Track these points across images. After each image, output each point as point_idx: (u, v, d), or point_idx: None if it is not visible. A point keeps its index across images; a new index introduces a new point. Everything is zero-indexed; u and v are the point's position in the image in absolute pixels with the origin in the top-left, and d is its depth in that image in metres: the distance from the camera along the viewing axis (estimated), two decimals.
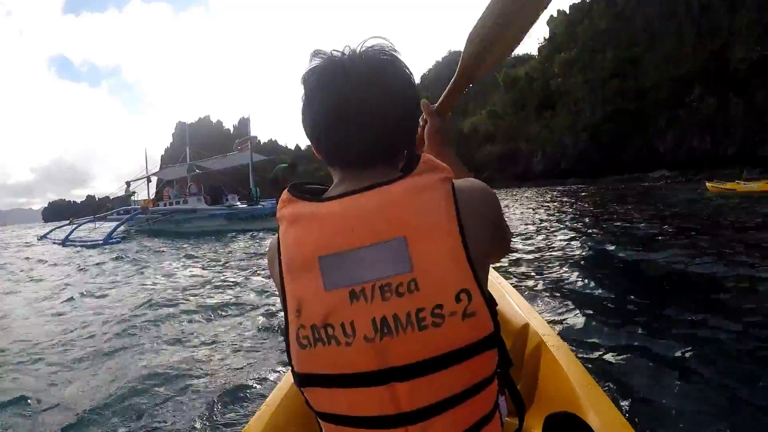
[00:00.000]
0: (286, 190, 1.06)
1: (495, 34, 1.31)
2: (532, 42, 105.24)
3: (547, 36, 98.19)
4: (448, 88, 1.45)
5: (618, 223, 14.18)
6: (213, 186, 32.93)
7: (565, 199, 32.09)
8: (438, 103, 1.46)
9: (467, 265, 0.92)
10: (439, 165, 1.01)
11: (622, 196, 31.39)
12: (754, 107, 63.09)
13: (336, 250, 0.93)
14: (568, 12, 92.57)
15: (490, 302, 0.97)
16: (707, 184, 29.60)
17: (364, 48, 1.03)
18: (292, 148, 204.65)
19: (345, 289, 0.92)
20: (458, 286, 0.91)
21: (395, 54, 1.04)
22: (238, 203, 29.98)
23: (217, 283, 9.12)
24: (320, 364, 0.94)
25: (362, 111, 0.98)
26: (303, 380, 0.99)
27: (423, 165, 0.99)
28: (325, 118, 1.01)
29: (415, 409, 0.93)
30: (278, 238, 1.04)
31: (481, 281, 0.95)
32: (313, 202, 1.00)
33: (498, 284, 2.80)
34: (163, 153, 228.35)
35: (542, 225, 15.21)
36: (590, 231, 12.84)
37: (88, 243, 23.08)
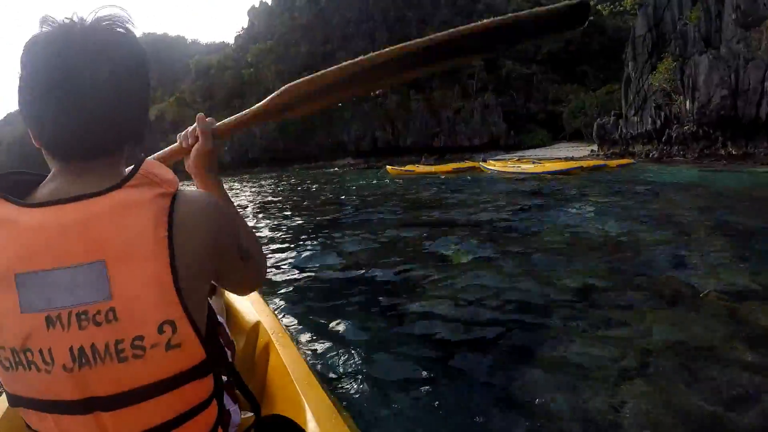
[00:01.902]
0: None
1: (317, 103, 1.30)
2: (230, 31, 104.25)
3: (245, 26, 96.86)
4: (241, 114, 1.30)
5: (305, 206, 15.79)
6: None
7: (254, 187, 32.54)
8: (222, 123, 1.29)
9: (174, 294, 0.87)
10: (161, 178, 0.92)
11: (310, 180, 34.13)
12: (431, 104, 71.16)
13: (32, 268, 0.83)
14: (270, 3, 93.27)
15: (211, 324, 1.00)
16: (387, 167, 33.63)
17: (96, 18, 0.92)
18: None
19: (41, 313, 0.84)
20: (161, 318, 0.86)
21: (130, 29, 0.95)
22: None
23: None
24: (25, 388, 0.88)
25: (85, 93, 0.88)
26: (13, 401, 0.92)
27: (140, 177, 0.90)
28: (43, 97, 0.89)
29: None
30: None
31: (192, 309, 0.90)
32: (14, 206, 0.87)
33: None
34: None
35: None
36: (286, 215, 13.47)
37: None
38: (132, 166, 0.92)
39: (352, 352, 3.67)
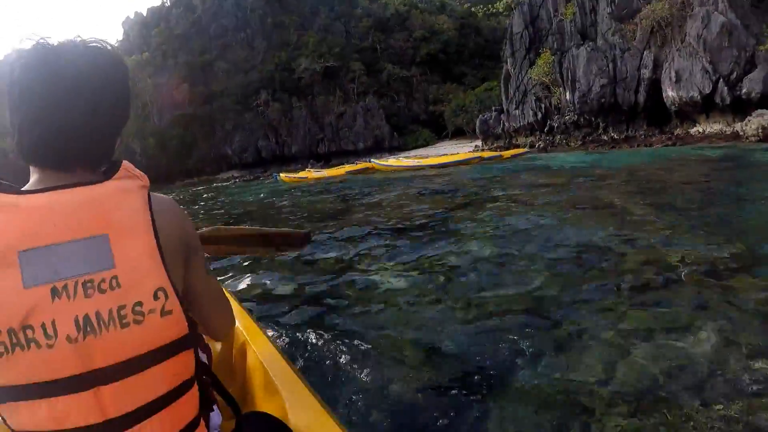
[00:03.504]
0: None
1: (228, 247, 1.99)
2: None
3: (120, 38, 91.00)
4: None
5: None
6: None
7: None
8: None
9: (161, 265, 0.98)
10: (138, 173, 1.06)
11: (196, 196, 32.84)
12: (313, 110, 70.81)
13: (38, 244, 0.90)
14: (145, 14, 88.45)
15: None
16: (282, 175, 32.40)
17: (80, 41, 1.01)
18: None
19: (46, 285, 0.89)
20: (156, 284, 0.96)
21: (112, 53, 1.05)
22: None
23: None
24: (18, 374, 0.89)
25: (71, 111, 0.97)
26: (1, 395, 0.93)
27: (124, 171, 1.03)
28: (29, 113, 0.97)
29: (122, 414, 0.94)
30: None
31: (176, 281, 1.01)
32: (11, 194, 0.94)
33: None
34: None
35: None
36: None
37: None
38: (111, 165, 1.04)
39: (330, 345, 3.72)
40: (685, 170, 13.86)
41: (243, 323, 2.16)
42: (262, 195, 23.60)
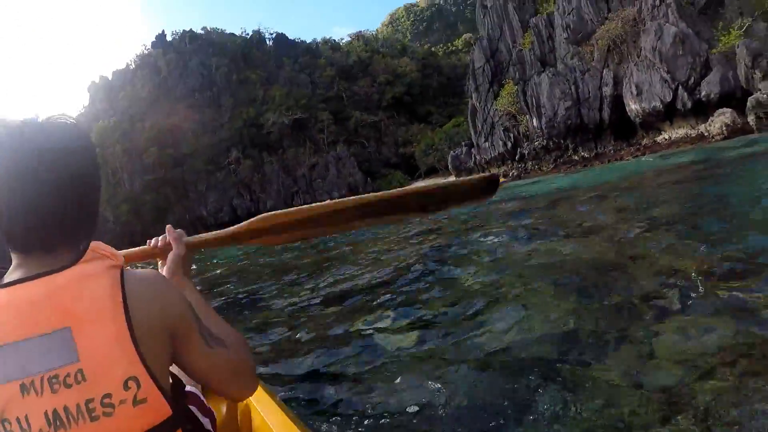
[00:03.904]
0: None
1: (291, 234, 1.64)
2: (70, 111, 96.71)
3: (86, 104, 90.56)
4: (219, 232, 1.58)
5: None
6: None
7: None
8: (196, 237, 1.54)
9: (134, 352, 0.94)
10: (109, 253, 1.03)
11: None
12: (285, 163, 70.69)
13: (4, 341, 0.91)
14: (110, 78, 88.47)
15: (176, 384, 1.07)
16: None
17: (48, 120, 1.01)
18: None
19: (15, 382, 0.90)
20: (125, 374, 0.93)
21: (72, 128, 1.02)
22: None
23: None
24: None
25: (35, 191, 0.96)
26: None
27: (91, 253, 1.01)
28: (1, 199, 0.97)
29: None
30: None
31: (153, 366, 0.96)
32: None
33: None
34: None
35: None
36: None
37: None
38: (81, 248, 1.00)
39: (337, 400, 3.53)
40: (663, 178, 14.06)
41: None
42: (240, 254, 22.83)
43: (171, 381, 1.04)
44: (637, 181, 14.97)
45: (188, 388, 1.48)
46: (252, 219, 1.57)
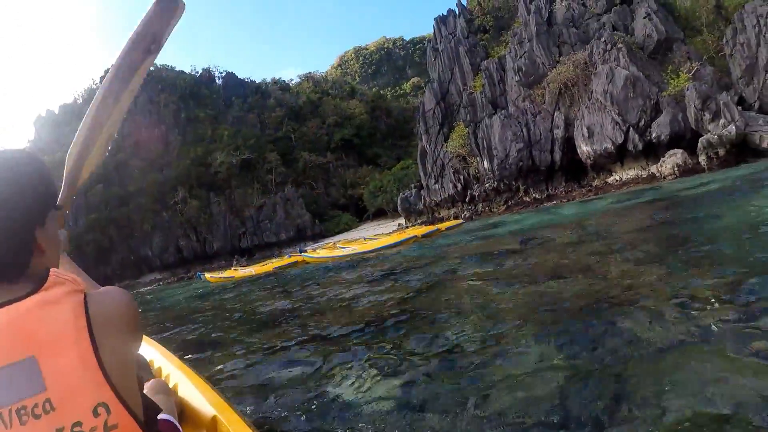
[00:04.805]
0: None
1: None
2: (15, 145, 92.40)
3: (32, 138, 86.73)
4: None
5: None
6: None
7: None
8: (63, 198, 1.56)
9: (101, 377, 0.92)
10: (68, 279, 1.01)
11: None
12: (232, 204, 69.98)
13: None
14: (57, 112, 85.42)
15: (150, 409, 1.07)
16: (206, 275, 30.59)
17: None
18: None
19: None
20: (94, 400, 0.91)
21: (14, 156, 1.02)
22: None
23: None
24: None
25: None
26: None
27: (52, 281, 0.99)
28: None
29: None
30: None
31: (124, 393, 0.95)
32: None
33: (181, 372, 2.71)
34: None
35: None
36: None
37: None
38: (41, 276, 0.98)
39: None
40: (626, 217, 13.97)
41: (225, 416, 2.03)
42: (188, 296, 21.50)
43: (146, 407, 1.00)
44: (602, 219, 14.77)
45: (162, 415, 1.46)
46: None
